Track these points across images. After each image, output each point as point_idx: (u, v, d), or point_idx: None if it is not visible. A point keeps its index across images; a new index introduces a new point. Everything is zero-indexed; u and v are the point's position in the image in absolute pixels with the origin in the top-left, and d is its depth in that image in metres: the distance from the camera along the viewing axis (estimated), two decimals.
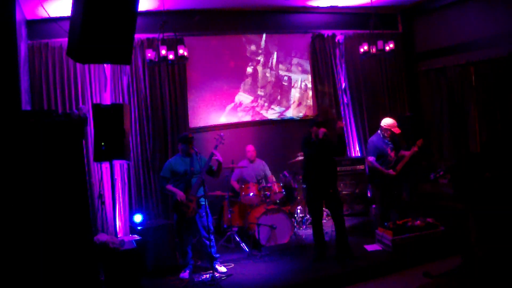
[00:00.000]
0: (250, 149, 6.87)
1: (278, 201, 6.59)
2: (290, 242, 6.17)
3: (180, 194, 5.26)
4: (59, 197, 3.34)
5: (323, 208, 5.97)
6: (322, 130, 5.30)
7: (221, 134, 5.64)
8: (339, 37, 8.00)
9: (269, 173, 6.98)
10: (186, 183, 5.35)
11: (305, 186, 5.67)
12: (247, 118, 7.64)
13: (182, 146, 5.41)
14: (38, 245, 3.25)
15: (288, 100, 7.94)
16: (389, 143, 6.08)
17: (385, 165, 6.01)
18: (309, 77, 8.05)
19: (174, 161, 5.43)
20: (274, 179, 6.92)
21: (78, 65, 6.23)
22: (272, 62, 7.81)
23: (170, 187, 5.36)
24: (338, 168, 6.93)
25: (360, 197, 7.46)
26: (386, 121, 6.10)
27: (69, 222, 3.37)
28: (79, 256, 3.40)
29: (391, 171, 5.98)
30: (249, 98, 7.66)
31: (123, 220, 6.35)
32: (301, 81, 8.02)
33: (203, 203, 5.29)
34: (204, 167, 5.34)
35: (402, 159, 6.03)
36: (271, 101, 7.82)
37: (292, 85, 7.96)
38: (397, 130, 6.02)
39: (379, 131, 6.12)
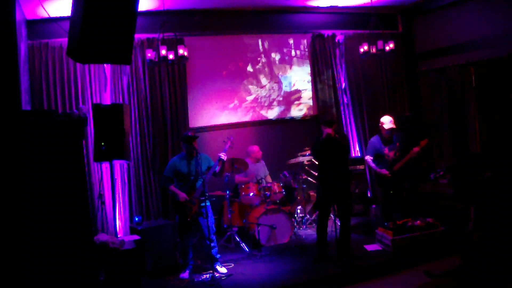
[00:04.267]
0: (256, 149, 6.91)
1: (278, 201, 6.59)
2: (290, 242, 6.17)
3: (183, 196, 5.26)
4: (59, 197, 3.34)
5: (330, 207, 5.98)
6: (326, 130, 5.35)
7: (231, 137, 5.64)
8: (339, 37, 8.00)
9: (267, 172, 7.01)
10: (190, 185, 5.35)
11: (318, 183, 5.73)
12: (247, 118, 7.64)
13: (185, 146, 5.39)
14: (38, 245, 3.25)
15: (288, 100, 7.94)
16: (388, 143, 6.10)
17: (383, 165, 6.04)
18: (309, 77, 8.05)
19: (178, 162, 5.41)
20: (270, 180, 6.96)
21: (78, 65, 6.23)
22: (272, 62, 7.81)
23: (173, 188, 5.35)
24: None
25: (360, 197, 7.47)
26: (381, 119, 6.22)
27: (69, 222, 3.37)
28: (79, 256, 3.40)
29: (383, 171, 6.01)
30: (249, 98, 7.66)
31: (123, 220, 6.35)
32: (301, 81, 8.01)
33: (204, 204, 5.29)
34: (212, 169, 5.36)
35: (401, 159, 6.05)
36: (271, 101, 7.82)
37: (292, 85, 7.96)
38: (388, 126, 6.06)
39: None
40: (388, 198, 6.14)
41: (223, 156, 5.38)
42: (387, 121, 6.12)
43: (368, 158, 6.20)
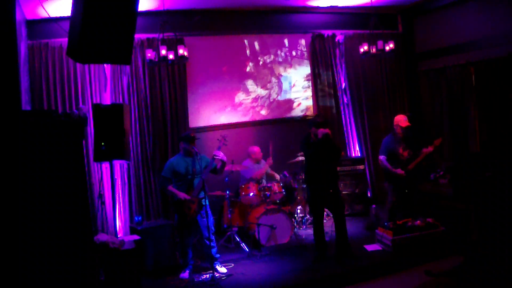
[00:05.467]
0: (257, 150, 6.89)
1: (278, 201, 6.58)
2: (290, 242, 6.17)
3: (182, 195, 5.26)
4: (59, 197, 3.34)
5: (323, 208, 5.99)
6: (321, 130, 5.30)
7: (224, 135, 5.66)
8: (339, 37, 8.00)
9: (269, 171, 6.99)
10: (188, 184, 5.35)
11: (306, 186, 5.69)
12: (247, 118, 7.64)
13: (185, 145, 5.40)
14: (38, 245, 3.25)
15: (288, 100, 7.94)
16: (401, 142, 6.12)
17: (397, 165, 6.07)
18: (309, 77, 8.05)
19: (176, 161, 5.42)
20: (277, 177, 6.92)
21: (78, 65, 6.23)
22: (272, 62, 7.81)
23: (171, 188, 5.35)
24: (338, 168, 6.97)
25: (360, 197, 7.47)
26: (395, 118, 6.24)
27: (69, 222, 3.37)
28: (79, 256, 3.40)
29: (399, 170, 6.01)
30: (249, 98, 7.66)
31: (123, 220, 6.35)
32: (301, 81, 8.01)
33: (204, 203, 5.30)
34: (208, 167, 5.36)
35: (415, 158, 6.05)
36: (271, 101, 7.82)
37: (292, 85, 7.96)
38: (403, 124, 6.06)
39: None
40: (398, 198, 6.14)
41: (217, 153, 5.39)
42: (403, 119, 6.12)
43: (382, 157, 6.19)
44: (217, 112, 7.42)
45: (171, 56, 5.83)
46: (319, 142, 5.32)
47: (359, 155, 7.92)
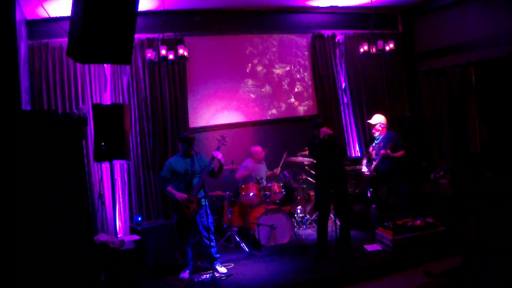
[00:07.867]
0: (259, 150, 6.91)
1: (278, 201, 6.58)
2: (290, 242, 6.17)
3: (180, 195, 5.26)
4: (59, 197, 3.34)
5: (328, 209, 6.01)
6: (324, 130, 5.31)
7: (224, 135, 5.66)
8: (339, 37, 8.00)
9: (267, 170, 7.00)
10: (187, 183, 5.35)
11: (315, 186, 5.76)
12: (247, 118, 7.63)
13: (183, 146, 5.41)
14: (38, 245, 3.25)
15: (288, 100, 7.94)
16: (374, 141, 6.44)
17: (369, 163, 6.47)
18: (309, 77, 8.04)
19: (175, 161, 5.42)
20: (277, 171, 6.94)
21: (78, 65, 6.23)
22: (272, 62, 7.81)
23: (170, 188, 5.35)
24: None
25: (360, 197, 7.46)
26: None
27: (69, 222, 3.38)
28: (79, 256, 3.40)
29: (362, 169, 6.44)
30: (249, 98, 7.65)
31: (123, 220, 6.35)
32: (301, 81, 8.01)
33: (204, 203, 5.30)
34: (206, 168, 5.35)
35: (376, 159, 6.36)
36: (271, 101, 7.82)
37: (292, 84, 7.96)
38: (372, 123, 6.47)
39: None
40: (378, 196, 6.44)
41: (216, 154, 5.40)
42: (373, 118, 6.53)
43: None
44: (217, 112, 7.42)
45: (171, 56, 5.83)
46: (320, 143, 5.33)
47: (359, 155, 7.91)
